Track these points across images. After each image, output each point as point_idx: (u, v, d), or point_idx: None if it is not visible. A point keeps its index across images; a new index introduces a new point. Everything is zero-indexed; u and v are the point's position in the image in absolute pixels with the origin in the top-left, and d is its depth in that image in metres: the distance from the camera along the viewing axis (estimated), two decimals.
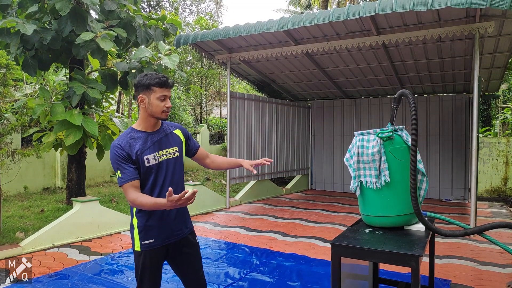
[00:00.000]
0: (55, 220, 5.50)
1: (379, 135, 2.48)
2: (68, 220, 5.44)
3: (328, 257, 4.55)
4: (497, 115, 14.72)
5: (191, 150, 2.52)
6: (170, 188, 1.93)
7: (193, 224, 2.56)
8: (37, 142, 6.53)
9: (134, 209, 2.26)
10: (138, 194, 2.11)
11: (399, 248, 2.11)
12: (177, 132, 2.42)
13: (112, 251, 5.04)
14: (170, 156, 2.29)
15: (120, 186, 2.17)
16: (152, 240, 2.24)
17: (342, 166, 10.91)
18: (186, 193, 1.92)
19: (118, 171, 2.15)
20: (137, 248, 2.25)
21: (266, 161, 2.60)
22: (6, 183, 6.52)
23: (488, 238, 2.40)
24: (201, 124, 14.52)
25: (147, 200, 2.08)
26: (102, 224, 5.83)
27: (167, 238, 2.29)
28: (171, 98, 10.21)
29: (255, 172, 2.57)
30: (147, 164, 2.18)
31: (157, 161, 2.22)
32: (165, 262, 2.38)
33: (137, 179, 2.17)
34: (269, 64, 9.40)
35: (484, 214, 7.64)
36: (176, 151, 2.33)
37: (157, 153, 2.23)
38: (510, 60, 8.00)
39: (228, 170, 8.27)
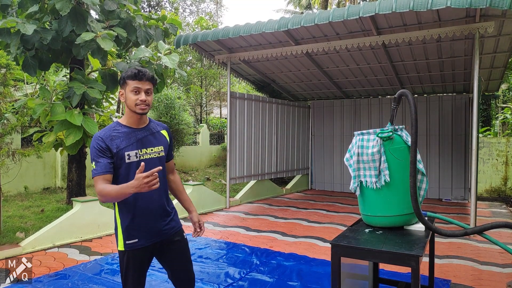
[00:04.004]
0: (55, 220, 5.50)
1: (379, 135, 2.48)
2: (68, 220, 5.44)
3: (328, 257, 4.56)
4: (497, 115, 14.72)
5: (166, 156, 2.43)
6: (142, 163, 1.91)
7: None
8: (37, 142, 6.53)
9: (117, 208, 2.21)
10: (104, 185, 2.04)
11: (399, 248, 2.12)
12: (164, 132, 2.40)
13: (112, 251, 5.04)
14: (154, 155, 2.25)
15: (92, 178, 2.12)
16: (136, 240, 2.20)
17: (342, 166, 10.92)
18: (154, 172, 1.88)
19: (93, 163, 2.10)
20: (121, 247, 2.21)
21: (197, 233, 2.53)
22: (6, 183, 6.52)
23: (488, 238, 2.40)
24: (201, 124, 14.52)
25: (111, 188, 2.02)
26: (102, 224, 5.83)
27: (152, 237, 2.26)
28: (172, 98, 10.21)
29: (194, 235, 2.52)
30: (127, 160, 2.15)
31: (138, 159, 2.17)
32: None
33: (110, 174, 2.11)
34: (269, 64, 9.41)
35: (484, 214, 7.65)
36: (161, 150, 2.31)
37: (139, 150, 2.19)
38: (510, 60, 8.00)
39: (228, 170, 8.28)
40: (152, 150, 2.25)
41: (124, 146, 2.15)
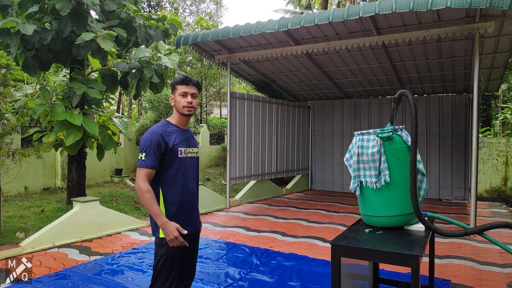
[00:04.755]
0: (55, 220, 5.50)
1: (379, 135, 2.49)
2: (68, 220, 5.44)
3: (328, 257, 4.56)
4: (497, 115, 14.72)
5: None
6: (184, 231, 2.27)
7: None
8: (37, 142, 6.53)
9: (162, 199, 2.37)
10: (149, 189, 2.26)
11: (399, 248, 2.12)
12: (195, 137, 2.73)
13: (112, 251, 5.04)
14: (194, 155, 2.55)
15: (138, 166, 2.29)
16: (185, 231, 2.34)
17: (342, 166, 10.91)
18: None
19: (144, 154, 2.27)
20: (162, 235, 2.31)
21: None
22: (6, 183, 6.52)
23: (488, 238, 2.40)
24: (201, 124, 14.51)
25: (151, 201, 2.24)
26: (102, 224, 5.83)
27: (191, 228, 2.44)
28: None
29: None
30: (179, 155, 2.40)
31: (185, 155, 2.45)
32: None
33: (155, 170, 2.32)
34: (269, 64, 9.40)
35: (484, 214, 7.65)
36: (198, 152, 2.60)
37: (186, 148, 2.47)
38: (510, 60, 8.00)
39: (228, 170, 8.28)
40: (193, 150, 2.54)
41: (178, 142, 2.41)
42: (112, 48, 5.56)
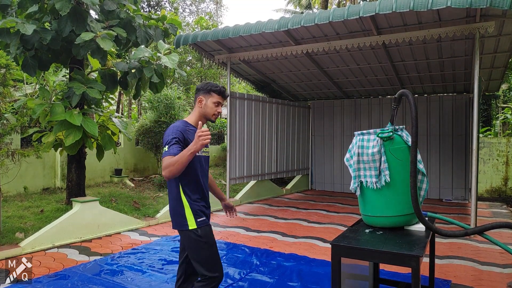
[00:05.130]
0: (55, 220, 5.50)
1: (379, 135, 2.48)
2: (68, 220, 5.43)
3: (328, 258, 4.55)
4: (497, 115, 14.71)
5: None
6: (200, 122, 2.39)
7: None
8: (36, 142, 6.52)
9: (182, 193, 2.49)
10: (169, 159, 2.31)
11: (399, 249, 2.11)
12: None
13: (112, 252, 5.03)
14: (206, 154, 2.71)
15: (162, 158, 2.38)
16: (204, 218, 2.53)
17: (342, 166, 10.90)
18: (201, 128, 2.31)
19: (167, 146, 2.38)
20: (193, 226, 2.45)
21: (233, 213, 3.03)
22: (6, 184, 6.51)
23: (489, 238, 2.39)
24: None
25: (174, 157, 2.29)
26: (102, 224, 5.82)
27: (209, 218, 2.61)
28: (171, 98, 10.22)
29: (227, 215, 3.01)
30: (196, 154, 2.45)
31: (200, 154, 2.60)
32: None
33: None
34: (269, 64, 9.40)
35: (484, 214, 7.64)
36: (209, 151, 2.78)
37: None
38: (510, 60, 7.99)
39: (228, 170, 8.27)
40: (206, 149, 2.69)
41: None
42: (111, 48, 5.55)
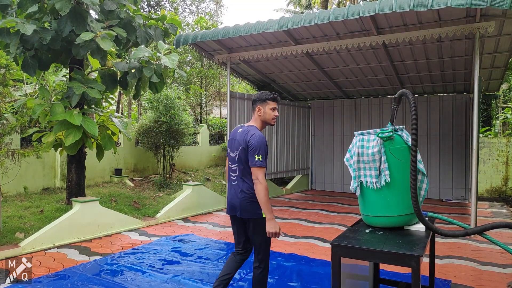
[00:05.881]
0: (55, 220, 5.50)
1: (379, 135, 2.47)
2: (67, 220, 5.43)
3: (328, 258, 4.55)
4: (497, 115, 14.71)
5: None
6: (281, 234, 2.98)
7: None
8: (36, 142, 6.51)
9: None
10: (266, 186, 2.86)
11: (399, 248, 2.11)
12: None
13: (111, 252, 5.03)
14: None
15: (258, 167, 2.85)
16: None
17: (342, 166, 10.90)
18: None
19: (260, 156, 2.85)
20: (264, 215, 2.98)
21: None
22: (5, 184, 6.51)
23: (489, 238, 2.39)
24: (201, 124, 14.50)
25: (268, 198, 2.87)
26: (101, 224, 5.82)
27: None
28: (171, 98, 10.22)
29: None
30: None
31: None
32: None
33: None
34: (269, 64, 9.39)
35: (484, 214, 7.64)
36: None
37: None
38: (510, 60, 7.99)
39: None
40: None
41: None
42: (111, 48, 5.55)
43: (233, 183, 3.05)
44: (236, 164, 3.00)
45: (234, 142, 3.06)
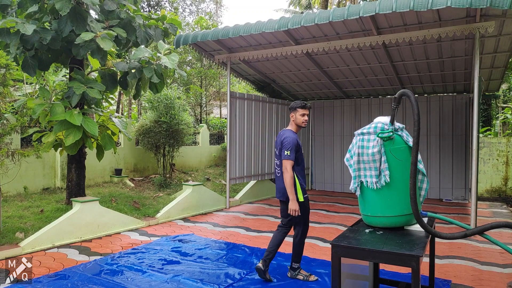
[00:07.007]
0: (55, 220, 5.49)
1: (380, 135, 2.48)
2: (67, 220, 5.43)
3: (328, 257, 4.55)
4: (497, 115, 14.71)
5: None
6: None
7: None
8: (36, 142, 6.51)
9: (297, 181, 3.84)
10: (293, 175, 3.81)
11: (399, 248, 2.11)
12: None
13: (112, 251, 5.03)
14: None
15: (286, 159, 3.78)
16: (307, 195, 3.99)
17: (342, 166, 10.90)
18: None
19: (289, 151, 3.77)
20: (301, 199, 3.84)
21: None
22: (5, 183, 6.52)
23: (489, 238, 2.39)
24: (201, 124, 14.50)
25: (293, 184, 3.79)
26: (101, 224, 5.82)
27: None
28: (171, 98, 10.23)
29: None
30: (302, 151, 3.97)
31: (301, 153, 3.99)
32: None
33: (293, 162, 3.85)
34: (269, 64, 9.39)
35: (484, 214, 7.64)
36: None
37: None
38: (510, 60, 7.99)
39: (228, 170, 8.26)
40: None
41: (300, 145, 3.98)
42: (111, 48, 5.55)
43: (278, 175, 4.01)
44: (278, 160, 3.95)
45: (277, 143, 3.98)
